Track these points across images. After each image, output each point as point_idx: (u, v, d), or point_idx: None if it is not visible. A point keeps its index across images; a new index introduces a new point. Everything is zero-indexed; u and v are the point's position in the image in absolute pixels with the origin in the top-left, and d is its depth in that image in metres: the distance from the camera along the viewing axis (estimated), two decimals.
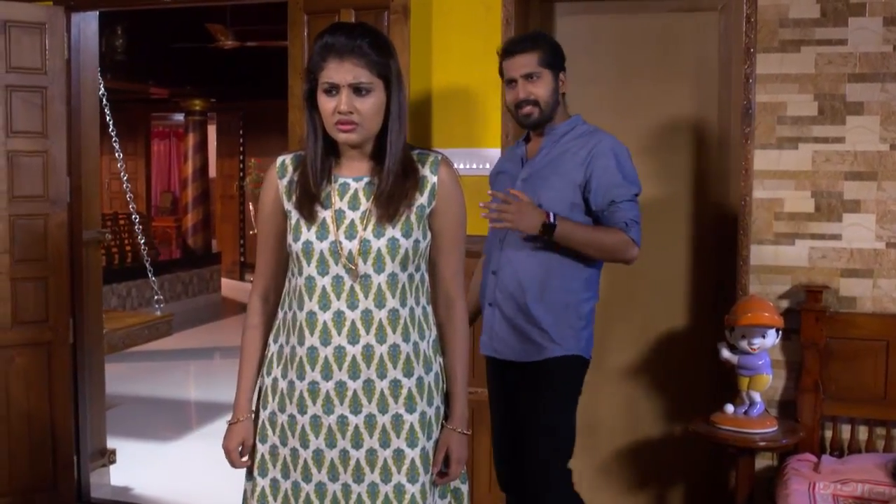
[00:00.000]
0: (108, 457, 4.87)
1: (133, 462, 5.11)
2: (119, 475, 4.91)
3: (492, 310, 3.05)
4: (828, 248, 3.64)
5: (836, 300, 3.64)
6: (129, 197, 5.93)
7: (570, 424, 3.04)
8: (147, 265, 6.11)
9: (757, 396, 3.51)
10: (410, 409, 2.19)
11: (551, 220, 2.84)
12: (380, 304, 2.15)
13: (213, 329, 9.49)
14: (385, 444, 2.18)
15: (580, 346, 3.01)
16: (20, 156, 4.33)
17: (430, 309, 2.27)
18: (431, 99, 3.96)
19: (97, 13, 4.71)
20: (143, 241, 6.07)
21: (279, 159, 2.29)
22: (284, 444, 2.24)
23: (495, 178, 3.18)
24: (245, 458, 2.30)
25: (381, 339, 2.15)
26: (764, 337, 3.45)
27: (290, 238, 2.21)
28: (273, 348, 2.29)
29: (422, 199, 2.19)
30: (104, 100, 5.29)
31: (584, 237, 2.90)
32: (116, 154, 5.84)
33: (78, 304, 4.59)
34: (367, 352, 2.15)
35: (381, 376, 2.16)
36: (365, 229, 2.15)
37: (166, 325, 6.03)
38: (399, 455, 2.18)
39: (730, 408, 3.54)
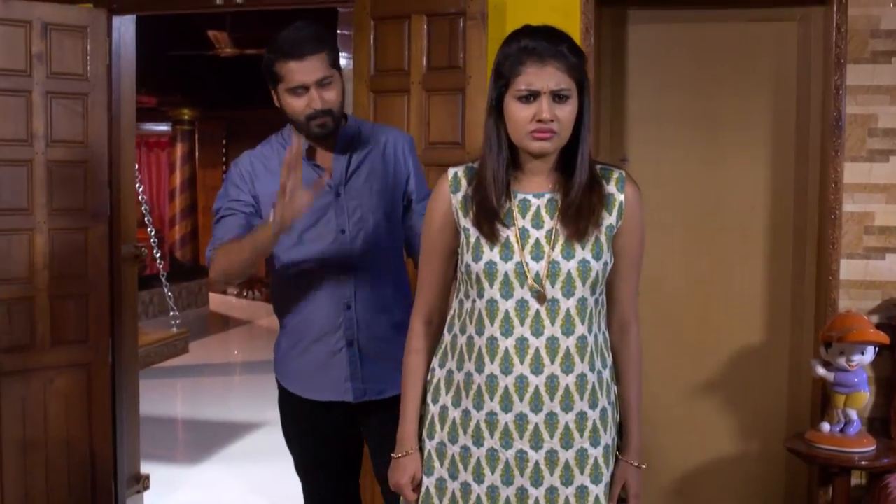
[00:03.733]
0: (143, 482, 4.64)
1: (163, 487, 4.87)
2: (151, 501, 4.68)
3: (354, 350, 2.63)
4: None
5: None
6: (146, 209, 5.70)
7: None
8: (163, 280, 5.87)
9: (853, 414, 3.44)
10: (595, 442, 2.04)
11: None
12: (567, 330, 2.00)
13: (203, 345, 9.20)
14: (567, 481, 2.02)
15: None
16: (60, 166, 4.10)
17: (608, 334, 2.13)
18: None
19: (135, 17, 4.50)
20: (158, 254, 5.84)
21: (450, 172, 2.12)
22: (454, 477, 2.08)
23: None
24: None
25: (568, 368, 2.00)
26: (863, 353, 3.39)
27: (468, 257, 2.05)
28: (439, 374, 2.13)
29: (610, 219, 2.04)
30: None
31: None
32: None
33: (117, 323, 4.37)
34: (552, 383, 1.99)
35: (566, 409, 2.00)
36: (553, 249, 2.00)
37: (183, 341, 5.81)
38: (583, 492, 2.03)
39: (826, 426, 3.46)
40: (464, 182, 2.09)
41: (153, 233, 5.78)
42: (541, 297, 1.99)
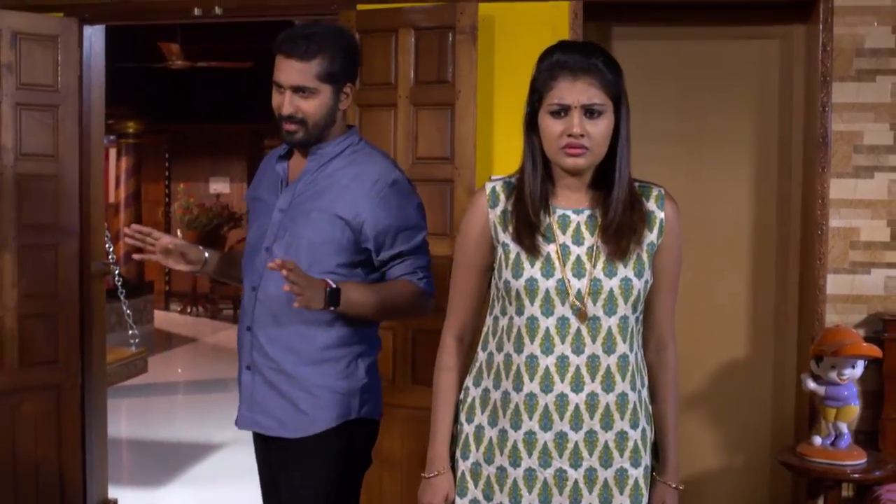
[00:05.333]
0: None
1: None
2: None
3: (250, 374, 2.48)
4: None
5: None
6: (105, 225, 5.51)
7: None
8: (122, 297, 5.69)
9: (844, 427, 3.48)
10: (636, 462, 2.02)
11: (332, 288, 2.30)
12: (609, 349, 1.97)
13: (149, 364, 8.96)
14: (606, 500, 2.00)
15: (360, 410, 2.47)
16: (30, 180, 3.96)
17: (642, 353, 2.11)
18: (493, 124, 3.81)
19: (104, 27, 4.37)
20: (117, 270, 5.66)
21: (488, 186, 2.08)
22: (489, 498, 2.04)
23: (251, 203, 2.60)
24: None
25: (608, 387, 1.97)
26: (853, 367, 3.43)
27: (506, 273, 2.01)
28: (474, 392, 2.08)
29: (651, 237, 2.02)
30: None
31: (373, 300, 2.38)
32: None
33: (87, 343, 4.22)
34: (592, 400, 1.97)
35: (606, 427, 1.98)
36: (594, 267, 1.98)
37: (142, 361, 5.62)
38: None
39: (817, 439, 3.50)
40: (502, 197, 2.05)
41: (111, 249, 5.59)
42: (581, 314, 1.96)
